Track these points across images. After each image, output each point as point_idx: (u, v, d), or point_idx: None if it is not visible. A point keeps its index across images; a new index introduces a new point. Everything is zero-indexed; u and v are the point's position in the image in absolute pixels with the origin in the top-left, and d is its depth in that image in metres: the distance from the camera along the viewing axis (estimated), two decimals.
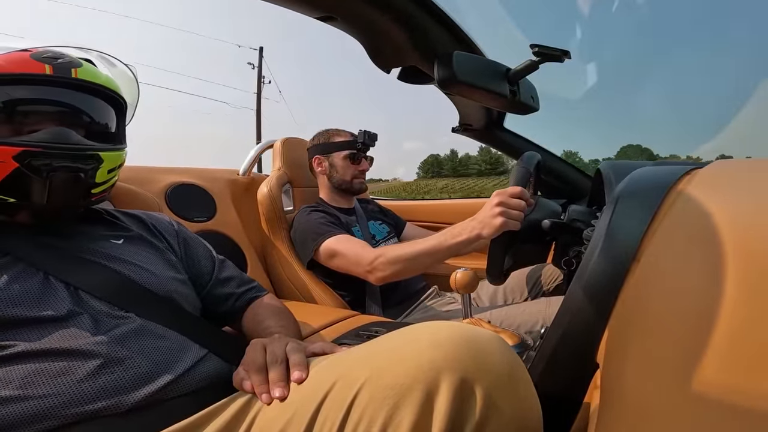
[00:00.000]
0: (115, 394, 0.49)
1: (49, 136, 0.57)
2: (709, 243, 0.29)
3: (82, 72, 0.62)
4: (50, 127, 0.58)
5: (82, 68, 0.63)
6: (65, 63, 0.61)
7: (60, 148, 0.57)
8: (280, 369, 0.50)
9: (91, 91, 0.64)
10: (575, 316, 0.42)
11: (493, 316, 1.06)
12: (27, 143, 0.55)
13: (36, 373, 0.48)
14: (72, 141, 0.58)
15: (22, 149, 0.55)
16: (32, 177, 0.56)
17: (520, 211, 0.90)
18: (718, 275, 0.27)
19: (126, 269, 0.63)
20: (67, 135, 0.58)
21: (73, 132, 0.59)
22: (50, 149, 0.56)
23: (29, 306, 0.52)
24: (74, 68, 0.61)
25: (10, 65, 0.58)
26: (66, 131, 0.58)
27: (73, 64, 0.62)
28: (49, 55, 0.61)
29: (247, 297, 0.81)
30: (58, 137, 0.57)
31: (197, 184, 1.37)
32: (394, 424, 0.39)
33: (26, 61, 0.59)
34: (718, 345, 0.24)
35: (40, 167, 0.56)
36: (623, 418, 0.30)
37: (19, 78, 0.58)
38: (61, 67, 0.60)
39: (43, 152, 0.56)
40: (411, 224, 1.60)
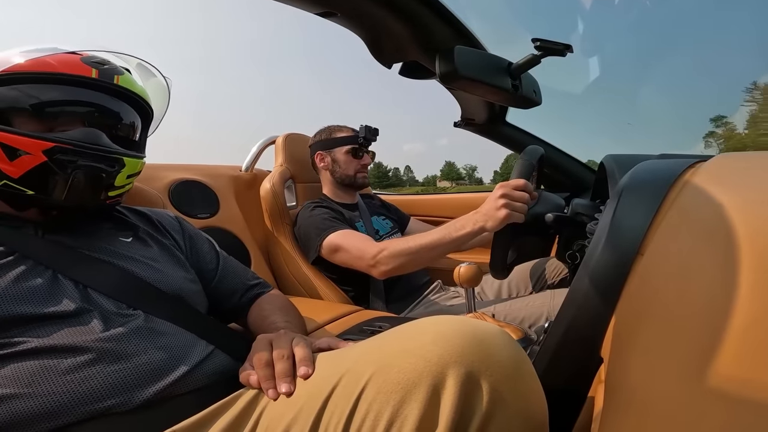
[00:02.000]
0: (123, 392, 0.50)
1: (81, 135, 0.59)
2: (717, 235, 0.29)
3: (123, 80, 0.65)
4: (83, 127, 0.61)
5: (123, 76, 0.66)
6: (110, 69, 0.64)
7: (89, 148, 0.59)
8: (286, 364, 0.51)
9: (127, 98, 0.67)
10: (579, 310, 0.42)
11: (497, 310, 1.06)
12: (59, 139, 0.57)
13: (44, 370, 0.49)
14: (101, 143, 0.61)
15: (53, 144, 0.57)
16: (57, 172, 0.57)
17: (523, 203, 0.89)
18: (728, 268, 0.26)
19: (134, 267, 0.63)
20: (97, 136, 0.61)
21: (103, 134, 0.61)
22: (80, 147, 0.58)
23: (37, 303, 0.53)
24: (117, 75, 0.65)
25: (60, 66, 0.60)
26: (97, 133, 0.61)
27: (117, 71, 0.65)
28: (97, 60, 0.64)
29: (253, 293, 0.82)
30: (89, 137, 0.60)
31: (200, 180, 1.37)
32: (401, 418, 0.39)
33: (76, 63, 0.62)
34: (731, 339, 0.24)
35: (66, 163, 0.57)
36: (628, 411, 0.30)
37: (65, 78, 0.60)
38: (106, 73, 0.63)
39: (73, 150, 0.58)
40: (414, 219, 1.60)
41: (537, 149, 0.96)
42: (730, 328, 0.24)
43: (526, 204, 0.90)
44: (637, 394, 0.30)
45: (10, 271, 0.54)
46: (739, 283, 0.25)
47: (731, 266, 0.26)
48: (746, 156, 0.45)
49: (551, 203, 0.93)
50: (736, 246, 0.27)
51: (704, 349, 0.25)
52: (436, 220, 1.67)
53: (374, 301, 1.25)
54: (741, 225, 0.28)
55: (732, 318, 0.24)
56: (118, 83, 0.64)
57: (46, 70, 0.59)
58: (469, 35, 1.00)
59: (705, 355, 0.24)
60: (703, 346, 0.25)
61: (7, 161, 0.56)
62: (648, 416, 0.27)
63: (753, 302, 0.24)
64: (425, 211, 1.80)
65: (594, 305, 0.41)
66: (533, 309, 1.04)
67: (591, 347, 0.41)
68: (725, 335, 0.24)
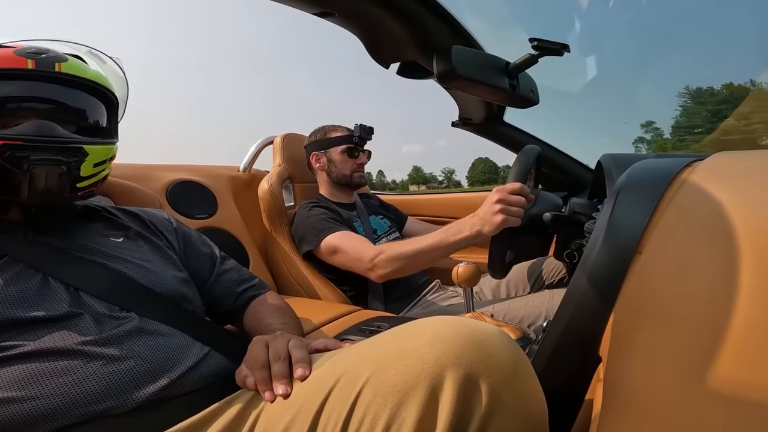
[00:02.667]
0: (119, 394, 0.50)
1: (30, 129, 0.56)
2: (716, 234, 0.29)
3: (67, 66, 0.62)
4: (34, 121, 0.58)
5: (66, 63, 0.62)
6: (49, 58, 0.61)
7: (41, 141, 0.56)
8: (282, 366, 0.51)
9: (78, 85, 0.64)
10: (578, 309, 0.42)
11: (496, 309, 1.06)
12: (7, 136, 0.55)
13: (38, 373, 0.48)
14: (54, 134, 0.58)
15: (2, 143, 0.54)
16: (12, 170, 0.55)
17: (520, 207, 0.89)
18: (728, 267, 0.26)
19: (126, 268, 0.62)
20: (49, 128, 0.58)
21: (57, 126, 0.59)
22: (31, 142, 0.56)
23: (28, 307, 0.52)
24: (58, 62, 0.61)
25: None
26: (49, 124, 0.58)
27: (58, 58, 0.62)
28: (32, 51, 0.61)
29: (249, 295, 0.81)
30: (40, 130, 0.57)
31: (198, 181, 1.37)
32: (399, 420, 0.39)
33: (10, 56, 0.59)
34: (731, 338, 0.23)
35: (21, 160, 0.55)
36: (627, 411, 0.30)
37: (3, 73, 0.58)
38: (44, 62, 0.60)
39: (23, 145, 0.55)
40: (412, 218, 1.60)
41: (533, 149, 0.96)
42: (730, 327, 0.24)
43: (522, 208, 0.90)
44: (636, 393, 0.29)
45: None
46: (739, 282, 0.25)
47: (731, 265, 0.26)
48: (744, 155, 0.45)
49: (549, 203, 0.93)
50: (736, 244, 0.27)
51: (704, 348, 0.25)
52: (434, 220, 1.67)
53: (373, 301, 1.25)
54: (740, 223, 0.28)
55: (732, 317, 0.24)
56: (61, 70, 0.61)
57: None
58: (467, 35, 1.00)
59: (704, 355, 0.24)
60: (702, 346, 0.25)
61: None
62: (647, 415, 0.27)
63: (753, 301, 0.24)
64: (423, 210, 1.80)
65: (592, 304, 0.40)
66: (532, 308, 1.04)
67: (589, 346, 0.41)
68: (725, 335, 0.24)
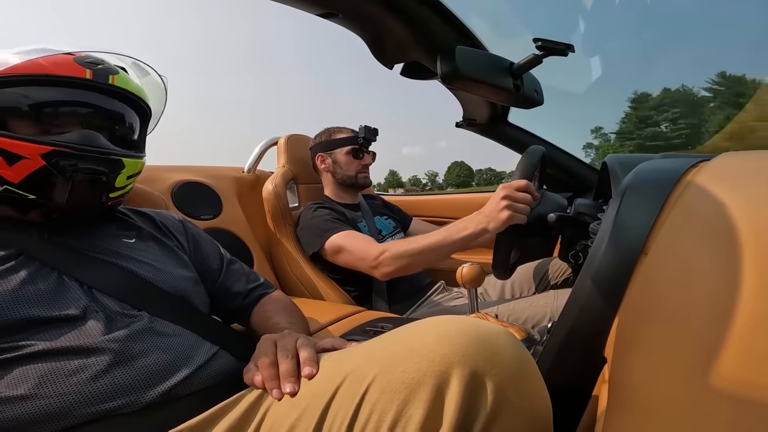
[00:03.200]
0: (129, 393, 0.50)
1: (78, 137, 0.58)
2: (721, 235, 0.29)
3: (118, 79, 0.64)
4: (80, 129, 0.60)
5: (118, 75, 0.64)
6: (104, 69, 0.63)
7: (88, 151, 0.58)
8: (290, 364, 0.51)
9: (123, 98, 0.66)
10: (583, 310, 0.42)
11: (500, 310, 1.06)
12: (57, 143, 0.57)
13: (51, 372, 0.49)
14: (99, 144, 0.60)
15: (51, 148, 0.56)
16: (56, 176, 0.57)
17: (526, 204, 0.89)
18: (733, 268, 0.26)
19: (138, 268, 0.63)
20: (95, 138, 0.60)
21: (101, 136, 0.61)
22: (78, 150, 0.57)
23: (44, 306, 0.53)
24: (112, 75, 0.63)
25: (53, 67, 0.59)
26: (95, 134, 0.60)
27: (111, 71, 0.64)
28: (90, 60, 0.63)
29: (256, 294, 0.82)
30: (87, 140, 0.59)
31: (203, 182, 1.38)
32: (405, 418, 0.39)
33: (69, 64, 0.60)
34: (735, 339, 0.23)
35: (66, 167, 0.57)
36: (632, 411, 0.30)
37: (59, 80, 0.59)
38: (100, 73, 0.62)
39: (71, 153, 0.57)
40: (417, 219, 1.60)
41: (538, 149, 0.96)
42: (734, 328, 0.24)
43: (528, 205, 0.90)
44: (641, 393, 0.30)
45: (16, 274, 0.54)
46: (744, 283, 0.25)
47: (736, 266, 0.26)
48: (750, 155, 0.45)
49: (554, 203, 0.93)
50: (741, 245, 0.27)
51: (708, 349, 0.25)
52: (439, 221, 1.67)
53: (377, 302, 1.25)
54: (745, 224, 0.28)
55: (737, 318, 0.24)
56: (114, 83, 0.63)
57: (39, 72, 0.58)
58: (471, 35, 1.00)
59: (709, 356, 0.24)
60: (707, 347, 0.25)
61: (6, 166, 0.56)
62: (651, 416, 0.27)
63: (758, 302, 0.24)
64: (428, 211, 1.80)
65: (597, 305, 0.41)
66: (536, 309, 1.04)
67: (594, 347, 0.41)
68: (730, 336, 0.24)
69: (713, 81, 63.58)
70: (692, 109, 62.14)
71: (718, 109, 61.67)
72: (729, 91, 59.91)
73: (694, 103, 62.06)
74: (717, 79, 63.76)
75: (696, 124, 59.79)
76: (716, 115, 59.95)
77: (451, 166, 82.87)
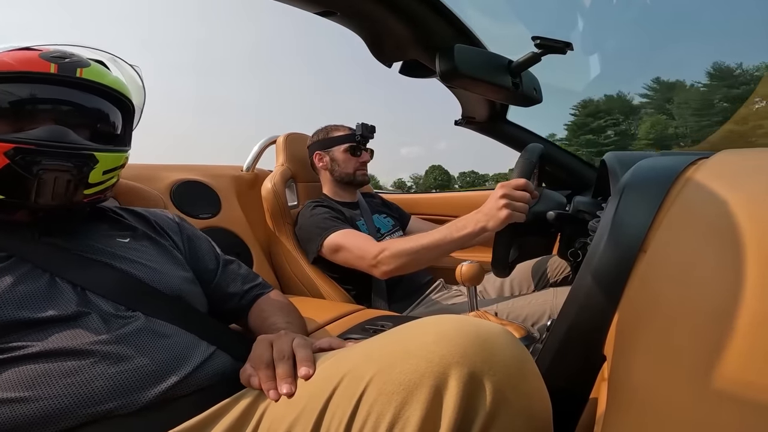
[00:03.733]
0: (125, 394, 0.50)
1: (44, 133, 0.56)
2: (721, 232, 0.29)
3: (88, 72, 0.62)
4: (49, 125, 0.57)
5: (89, 68, 0.62)
6: (71, 62, 0.61)
7: (53, 146, 0.56)
8: (287, 365, 0.51)
9: (97, 91, 0.63)
10: (582, 308, 0.42)
11: (500, 308, 1.06)
12: (20, 140, 0.55)
13: (46, 374, 0.48)
14: (67, 140, 0.57)
15: (14, 146, 0.54)
16: (21, 174, 0.55)
17: (524, 203, 0.89)
18: (734, 265, 0.26)
19: (132, 268, 0.63)
20: (63, 134, 0.57)
21: (70, 131, 0.58)
22: (43, 147, 0.55)
23: (36, 308, 0.52)
24: (80, 68, 0.61)
25: (18, 63, 0.58)
26: (63, 130, 0.58)
27: (81, 63, 0.61)
28: (57, 55, 0.60)
29: (253, 294, 0.81)
30: (53, 135, 0.56)
31: (202, 180, 1.37)
32: (403, 419, 0.39)
33: (34, 59, 0.59)
34: (737, 338, 0.23)
35: (30, 165, 0.55)
36: (631, 410, 0.30)
37: (23, 76, 0.58)
38: (66, 67, 0.60)
39: (35, 150, 0.55)
40: (415, 217, 1.60)
41: (537, 146, 0.96)
42: (736, 326, 0.24)
43: (527, 203, 0.90)
44: (640, 392, 0.29)
45: (7, 275, 0.54)
46: (746, 280, 0.25)
47: (737, 263, 0.26)
48: (750, 153, 0.45)
49: (553, 201, 0.93)
50: (742, 243, 0.27)
51: (709, 347, 0.24)
52: (437, 219, 1.67)
53: (376, 300, 1.25)
54: (747, 221, 0.28)
55: (738, 316, 0.24)
56: (82, 76, 0.61)
57: (4, 70, 0.57)
58: (469, 33, 1.00)
59: (710, 354, 0.24)
60: (707, 345, 0.25)
61: None
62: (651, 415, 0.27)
63: (761, 300, 0.24)
64: (427, 209, 1.80)
65: (596, 303, 0.40)
66: (536, 307, 1.04)
67: (594, 345, 0.41)
68: (731, 334, 0.24)
69: (648, 86, 63.50)
70: (626, 116, 62.32)
71: (647, 115, 61.53)
72: (661, 96, 60.12)
73: (629, 110, 62.34)
74: (652, 84, 63.70)
75: (624, 130, 59.96)
76: (645, 121, 59.98)
77: (429, 170, 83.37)
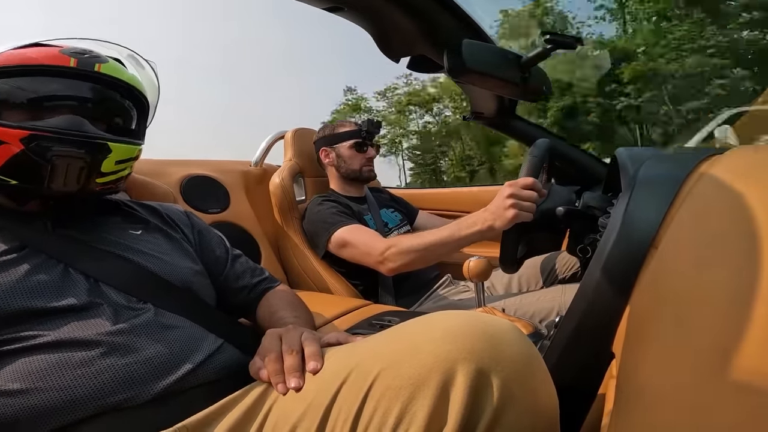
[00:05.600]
0: (134, 386, 0.50)
1: (61, 122, 0.58)
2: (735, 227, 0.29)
3: (106, 67, 0.64)
4: (66, 115, 0.60)
5: (107, 64, 0.65)
6: (90, 58, 0.63)
7: (68, 134, 0.58)
8: (295, 359, 0.51)
9: (113, 86, 0.66)
10: (591, 305, 0.42)
11: (507, 304, 1.06)
12: (36, 127, 0.57)
13: (57, 364, 0.49)
14: (82, 129, 0.59)
15: (29, 133, 0.56)
16: (35, 160, 0.56)
17: (532, 202, 0.89)
18: (749, 260, 0.26)
19: (144, 260, 0.63)
20: (79, 123, 0.59)
21: (86, 122, 0.60)
22: (58, 134, 0.57)
23: (49, 297, 0.53)
24: (99, 63, 0.64)
25: (40, 58, 0.61)
26: (78, 119, 0.60)
27: (99, 59, 0.64)
28: (76, 50, 0.63)
29: (261, 288, 0.82)
30: (69, 125, 0.59)
31: (211, 175, 1.38)
32: (410, 415, 0.39)
33: (55, 54, 0.62)
34: (750, 335, 0.23)
35: (45, 151, 0.56)
36: (640, 408, 0.30)
37: (45, 69, 0.61)
38: (85, 61, 0.63)
39: (50, 137, 0.57)
40: (423, 212, 1.60)
41: (545, 143, 0.95)
42: (749, 323, 0.23)
43: (534, 203, 0.89)
44: (649, 390, 0.29)
45: (21, 265, 0.55)
46: (760, 276, 0.24)
47: (752, 259, 0.25)
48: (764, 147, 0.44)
49: (562, 197, 0.92)
50: (757, 239, 0.26)
51: (721, 345, 0.24)
52: (444, 214, 1.66)
53: (383, 296, 1.26)
54: (761, 217, 0.27)
55: (752, 313, 0.23)
56: (100, 71, 0.63)
57: (27, 63, 0.60)
58: (477, 28, 0.99)
59: (722, 352, 0.24)
60: (720, 342, 0.24)
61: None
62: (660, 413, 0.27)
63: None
64: (434, 204, 1.79)
65: (606, 299, 0.40)
66: (544, 303, 1.03)
67: (602, 342, 0.41)
68: (744, 330, 0.23)
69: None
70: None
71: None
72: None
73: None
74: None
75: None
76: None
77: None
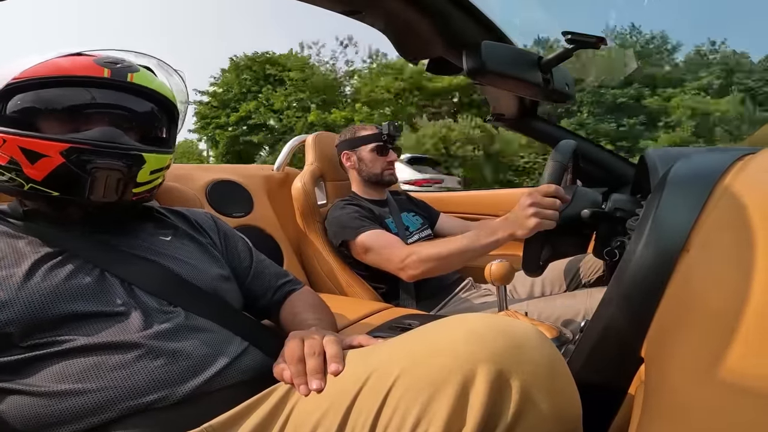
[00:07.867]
0: (165, 387, 0.52)
1: (98, 134, 0.59)
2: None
3: (138, 77, 0.65)
4: (102, 126, 0.61)
5: (138, 73, 0.65)
6: (123, 68, 0.64)
7: (105, 147, 0.59)
8: (317, 361, 0.51)
9: (145, 95, 0.67)
10: (619, 309, 0.41)
11: (530, 308, 1.04)
12: (75, 140, 0.58)
13: (93, 367, 0.51)
14: (118, 141, 0.61)
15: (69, 145, 0.57)
16: (75, 172, 0.58)
17: (554, 210, 0.87)
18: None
19: (175, 265, 0.65)
20: (115, 135, 0.60)
21: (122, 133, 0.61)
22: (96, 147, 0.59)
23: (87, 301, 0.55)
24: (131, 73, 0.64)
25: (74, 68, 0.62)
26: (115, 131, 0.61)
27: (131, 69, 0.65)
28: (110, 60, 0.64)
29: (284, 290, 0.83)
30: (106, 136, 0.60)
31: (235, 180, 1.41)
32: (429, 416, 0.39)
33: (89, 65, 0.62)
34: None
35: (85, 163, 0.58)
36: (669, 416, 0.29)
37: (80, 80, 0.61)
38: (118, 72, 0.63)
39: (89, 149, 0.58)
40: (445, 215, 1.59)
41: (568, 145, 0.93)
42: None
43: (556, 210, 0.87)
44: (680, 397, 0.28)
45: (60, 270, 0.57)
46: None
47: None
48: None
49: (588, 199, 0.90)
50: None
51: (756, 352, 0.23)
52: (466, 218, 1.65)
53: (404, 299, 1.25)
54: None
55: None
56: (132, 81, 0.64)
57: (61, 74, 0.60)
58: (496, 29, 0.98)
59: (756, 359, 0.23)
60: (755, 350, 0.23)
61: (29, 165, 0.57)
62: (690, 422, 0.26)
63: None
64: (456, 208, 1.77)
65: (634, 304, 0.39)
66: (568, 307, 1.01)
67: (630, 347, 0.40)
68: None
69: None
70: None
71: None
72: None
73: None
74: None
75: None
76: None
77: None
